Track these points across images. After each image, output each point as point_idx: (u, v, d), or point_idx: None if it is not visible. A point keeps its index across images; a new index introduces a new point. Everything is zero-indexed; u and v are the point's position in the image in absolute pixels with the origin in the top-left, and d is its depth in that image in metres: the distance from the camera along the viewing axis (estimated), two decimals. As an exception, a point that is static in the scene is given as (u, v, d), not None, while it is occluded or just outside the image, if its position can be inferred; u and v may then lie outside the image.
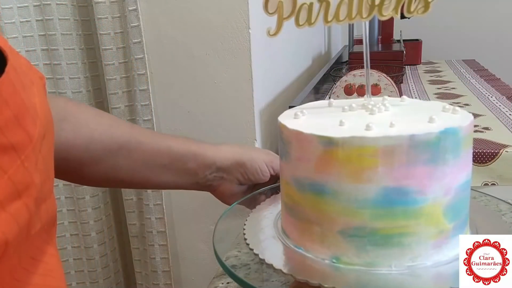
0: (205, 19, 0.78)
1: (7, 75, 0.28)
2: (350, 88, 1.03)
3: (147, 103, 0.84)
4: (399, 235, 0.35)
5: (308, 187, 0.36)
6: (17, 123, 0.28)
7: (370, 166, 0.33)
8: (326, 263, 0.36)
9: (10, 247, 0.28)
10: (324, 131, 0.34)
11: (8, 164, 0.27)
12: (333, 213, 0.35)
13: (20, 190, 0.28)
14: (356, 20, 0.38)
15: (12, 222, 0.27)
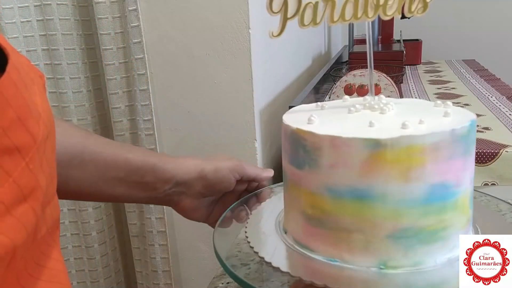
0: (205, 19, 0.78)
1: (8, 74, 0.27)
2: (350, 88, 1.03)
3: (147, 103, 0.84)
4: (442, 229, 0.35)
5: (348, 194, 0.35)
6: (20, 124, 0.27)
7: (418, 164, 0.33)
8: (372, 271, 0.35)
9: (18, 253, 0.27)
10: (365, 133, 0.33)
11: (12, 167, 0.27)
12: (380, 217, 0.34)
13: (26, 193, 0.28)
14: (361, 20, 0.38)
15: (20, 227, 0.27)
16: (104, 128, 0.94)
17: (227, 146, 0.83)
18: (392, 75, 1.09)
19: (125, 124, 0.88)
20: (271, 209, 0.49)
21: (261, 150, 0.84)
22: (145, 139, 0.85)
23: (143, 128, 0.85)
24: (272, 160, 0.92)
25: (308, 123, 0.37)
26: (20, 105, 0.28)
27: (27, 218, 0.27)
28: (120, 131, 0.88)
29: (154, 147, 0.86)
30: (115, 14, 0.81)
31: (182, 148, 0.86)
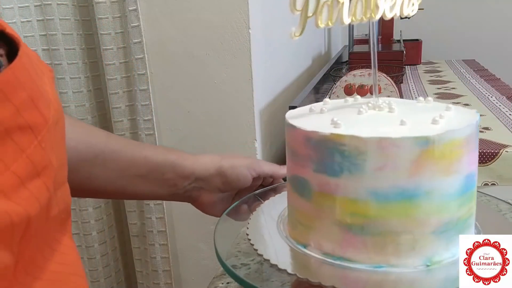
0: (205, 19, 0.78)
1: (20, 58, 0.29)
2: (350, 88, 1.03)
3: (147, 103, 0.84)
4: (470, 216, 0.37)
5: (395, 196, 0.34)
6: (32, 104, 0.29)
7: (457, 157, 0.35)
8: (418, 270, 0.35)
9: (32, 225, 0.29)
10: (410, 132, 0.33)
11: (26, 144, 0.28)
12: (426, 214, 0.34)
13: (39, 170, 0.29)
14: (367, 19, 0.38)
15: (33, 200, 0.29)
16: (105, 128, 0.94)
17: (227, 146, 0.83)
18: (392, 75, 1.09)
19: (125, 124, 0.88)
20: (272, 208, 0.49)
21: (261, 150, 0.84)
22: (145, 139, 0.85)
23: (143, 128, 0.85)
24: (272, 160, 0.92)
25: (335, 126, 0.35)
26: (31, 88, 0.30)
27: (40, 192, 0.29)
28: (120, 131, 0.88)
29: (154, 147, 0.86)
30: (115, 14, 0.81)
31: (182, 148, 0.86)
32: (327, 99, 0.45)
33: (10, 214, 0.26)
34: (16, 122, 0.27)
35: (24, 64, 0.30)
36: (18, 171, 0.27)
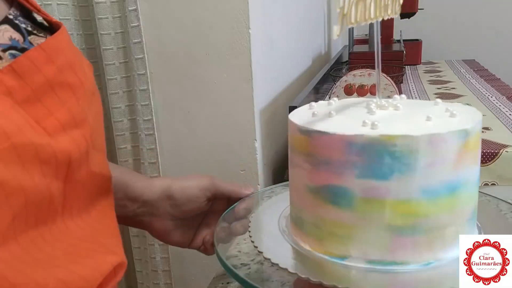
0: (205, 19, 0.78)
1: (62, 32, 0.36)
2: (350, 88, 1.03)
3: (147, 103, 0.84)
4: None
5: (443, 190, 0.34)
6: (71, 69, 0.35)
7: (478, 147, 0.37)
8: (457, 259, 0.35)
9: (74, 166, 0.34)
10: (449, 127, 0.34)
11: (66, 98, 0.34)
12: (464, 204, 0.36)
13: (78, 121, 0.35)
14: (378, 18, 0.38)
15: (74, 145, 0.34)
16: (105, 128, 0.94)
17: (227, 146, 0.83)
18: (392, 75, 1.09)
19: (125, 124, 0.88)
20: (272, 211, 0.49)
21: (261, 150, 0.84)
22: (145, 139, 0.85)
23: (143, 128, 0.85)
24: (272, 160, 0.92)
25: (373, 128, 0.34)
26: (70, 56, 0.36)
27: (79, 141, 0.34)
28: (120, 131, 0.88)
29: (154, 147, 0.86)
30: (115, 14, 0.81)
31: (182, 148, 0.86)
32: (321, 102, 0.45)
33: (53, 148, 0.31)
34: (58, 80, 0.33)
35: (65, 37, 0.36)
36: (60, 118, 0.33)
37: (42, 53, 0.33)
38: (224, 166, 0.83)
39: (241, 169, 0.83)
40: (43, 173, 0.31)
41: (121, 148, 0.89)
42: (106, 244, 0.38)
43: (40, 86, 0.32)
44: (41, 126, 0.32)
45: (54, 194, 0.33)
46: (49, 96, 0.33)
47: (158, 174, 0.86)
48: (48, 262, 0.31)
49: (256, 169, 0.82)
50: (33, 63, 0.32)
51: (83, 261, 0.34)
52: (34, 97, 0.32)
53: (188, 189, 0.51)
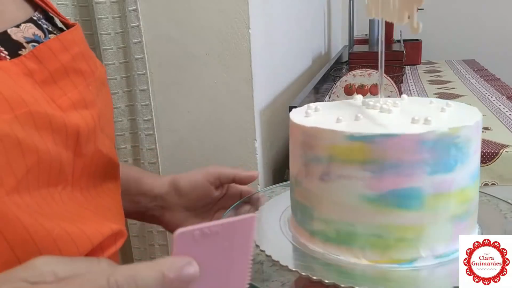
0: (205, 19, 0.78)
1: (77, 28, 0.43)
2: (350, 88, 1.03)
3: (147, 103, 0.84)
4: None
5: (477, 175, 0.38)
6: (83, 59, 0.41)
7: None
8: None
9: (82, 139, 0.38)
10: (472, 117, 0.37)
11: (78, 82, 0.39)
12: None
13: (87, 103, 0.39)
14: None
15: (83, 122, 0.38)
16: (104, 128, 0.94)
17: (227, 146, 0.83)
18: (392, 75, 1.09)
19: (125, 124, 0.88)
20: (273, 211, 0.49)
21: (261, 150, 0.84)
22: (145, 139, 0.85)
23: (143, 128, 0.85)
24: (272, 160, 0.92)
25: (426, 123, 0.35)
26: (83, 49, 0.42)
27: (88, 119, 0.39)
28: (120, 131, 0.88)
29: (154, 147, 0.86)
30: (115, 14, 0.81)
31: (182, 148, 0.86)
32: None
33: (64, 120, 0.36)
34: (72, 66, 0.39)
35: (79, 33, 0.43)
36: (72, 98, 0.38)
37: (59, 43, 0.39)
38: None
39: (241, 169, 0.83)
40: (54, 141, 0.35)
41: (121, 148, 0.89)
42: (109, 216, 0.42)
43: (57, 70, 0.38)
44: (56, 103, 0.36)
45: (64, 163, 0.37)
46: (63, 79, 0.38)
47: (158, 174, 0.86)
48: (55, 216, 0.35)
49: (256, 169, 0.82)
50: (51, 51, 0.37)
51: (85, 221, 0.38)
52: (51, 79, 0.37)
53: (192, 177, 0.54)
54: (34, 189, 0.34)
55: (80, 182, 0.39)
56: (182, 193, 0.54)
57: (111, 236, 0.40)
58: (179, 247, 0.26)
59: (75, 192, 0.39)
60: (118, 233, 0.41)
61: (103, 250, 0.39)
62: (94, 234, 0.37)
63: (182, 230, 0.25)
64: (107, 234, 0.39)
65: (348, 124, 0.37)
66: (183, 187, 0.53)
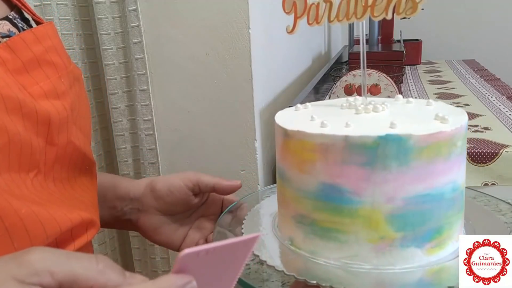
0: (205, 19, 0.78)
1: (50, 24, 0.43)
2: (350, 88, 1.03)
3: (147, 103, 0.84)
4: (337, 230, 0.36)
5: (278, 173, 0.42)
6: (56, 52, 0.41)
7: (309, 159, 0.36)
8: (283, 244, 0.41)
9: (54, 127, 0.38)
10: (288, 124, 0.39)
11: (50, 73, 0.40)
12: (287, 198, 0.40)
13: (59, 94, 0.40)
14: (351, 20, 0.39)
15: (54, 111, 0.38)
16: (104, 128, 0.94)
17: (227, 146, 0.83)
18: (392, 75, 1.09)
19: (125, 124, 0.88)
20: (267, 210, 0.49)
21: (261, 150, 0.84)
22: (145, 139, 0.85)
23: (143, 128, 0.85)
24: (272, 160, 0.92)
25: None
26: (57, 43, 0.42)
27: (60, 109, 0.39)
28: (120, 131, 0.88)
29: (154, 147, 0.86)
30: (115, 14, 0.81)
31: (182, 148, 0.86)
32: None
33: (35, 106, 0.37)
34: (44, 58, 0.40)
35: (52, 28, 0.43)
36: (44, 87, 0.39)
37: (32, 35, 0.40)
38: (224, 166, 0.83)
39: (241, 169, 0.83)
40: (24, 126, 0.36)
41: (121, 148, 0.89)
42: (81, 207, 0.42)
43: (29, 60, 0.39)
44: (28, 91, 0.37)
45: (35, 149, 0.37)
46: (36, 70, 0.39)
47: (158, 174, 0.86)
48: (24, 198, 0.35)
49: (256, 169, 0.82)
50: (24, 42, 0.39)
51: (55, 207, 0.38)
52: (24, 69, 0.38)
53: (170, 179, 0.53)
54: (4, 171, 0.35)
55: (52, 171, 0.40)
56: (158, 196, 0.52)
57: (81, 224, 0.40)
58: (182, 265, 0.26)
59: (47, 181, 0.39)
60: (89, 222, 0.41)
61: (74, 238, 0.39)
62: (63, 219, 0.37)
63: (189, 250, 0.25)
64: (76, 221, 0.39)
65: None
66: (160, 189, 0.52)
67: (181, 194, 0.52)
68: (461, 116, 0.37)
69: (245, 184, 0.81)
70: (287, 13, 0.41)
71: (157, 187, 0.52)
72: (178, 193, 0.52)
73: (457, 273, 0.32)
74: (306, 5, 0.40)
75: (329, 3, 0.39)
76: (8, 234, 0.34)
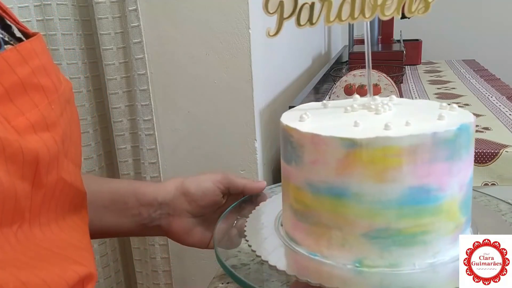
0: (205, 19, 0.78)
1: (38, 38, 0.36)
2: (350, 88, 1.03)
3: (147, 103, 0.84)
4: (422, 233, 0.35)
5: (325, 191, 0.35)
6: (45, 72, 0.35)
7: (394, 166, 0.33)
8: (348, 268, 0.36)
9: (42, 168, 0.33)
10: (344, 133, 0.34)
11: (38, 100, 0.34)
12: (355, 216, 0.35)
13: (49, 124, 0.34)
14: (358, 20, 0.38)
15: (44, 147, 0.33)
16: (104, 128, 0.94)
17: (227, 146, 0.83)
18: (392, 75, 1.09)
19: (125, 124, 0.88)
20: (271, 208, 0.49)
21: (261, 150, 0.84)
22: (145, 139, 0.85)
23: (143, 128, 0.85)
24: (272, 160, 0.92)
25: (300, 120, 0.38)
26: (45, 61, 0.36)
27: (50, 143, 0.34)
28: (120, 131, 0.88)
29: (154, 147, 0.86)
30: (115, 14, 0.81)
31: (182, 148, 0.86)
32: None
33: (21, 145, 0.31)
34: (32, 82, 0.34)
35: (40, 43, 0.36)
36: (31, 119, 0.33)
37: (17, 54, 0.33)
38: (224, 166, 0.83)
39: (241, 169, 0.83)
40: (8, 170, 0.30)
41: (121, 148, 0.89)
42: (74, 256, 0.37)
43: (13, 86, 0.32)
44: (11, 125, 0.31)
45: (20, 196, 0.32)
46: (21, 97, 0.33)
47: (158, 174, 0.86)
48: (9, 263, 0.30)
49: (256, 169, 0.82)
50: (7, 63, 0.32)
51: (47, 266, 0.33)
52: (6, 96, 0.32)
53: (203, 182, 0.52)
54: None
55: (39, 217, 0.35)
56: (191, 199, 0.51)
57: (78, 283, 0.35)
58: None
59: (33, 229, 0.34)
60: (86, 277, 0.36)
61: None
62: (57, 282, 0.33)
63: None
64: (73, 281, 0.34)
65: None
66: (194, 193, 0.51)
67: (214, 196, 0.51)
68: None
69: (245, 184, 0.81)
70: (271, 14, 0.37)
71: (191, 190, 0.51)
72: (211, 196, 0.51)
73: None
74: (297, 5, 0.37)
75: (328, 3, 0.37)
76: None
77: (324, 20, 0.38)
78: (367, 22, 0.39)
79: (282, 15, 0.37)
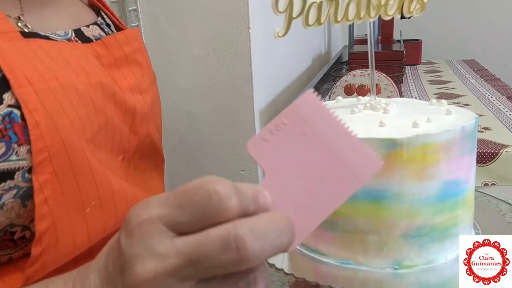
0: (205, 19, 0.78)
1: (137, 30, 0.50)
2: (350, 88, 1.03)
3: (147, 103, 0.84)
4: (453, 225, 0.36)
5: (363, 196, 0.34)
6: (141, 53, 0.48)
7: (433, 162, 0.33)
8: (386, 271, 0.35)
9: (137, 119, 0.43)
10: (379, 133, 0.33)
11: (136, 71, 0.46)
12: (395, 217, 0.34)
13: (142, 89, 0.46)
14: (364, 19, 0.38)
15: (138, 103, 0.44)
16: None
17: (227, 146, 0.83)
18: (392, 75, 1.09)
19: (125, 124, 0.88)
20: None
21: (261, 150, 0.84)
22: (145, 139, 0.86)
23: (143, 128, 0.85)
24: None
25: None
26: (142, 45, 0.48)
27: (142, 102, 0.45)
28: (120, 131, 0.88)
29: (154, 147, 0.86)
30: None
31: (182, 148, 0.86)
32: (340, 98, 0.45)
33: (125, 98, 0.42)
34: (132, 57, 0.46)
35: (139, 32, 0.48)
36: (130, 82, 0.44)
37: (124, 36, 0.45)
38: (224, 166, 0.83)
39: (241, 169, 0.83)
40: (115, 112, 0.41)
41: (121, 148, 0.89)
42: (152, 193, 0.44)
43: (120, 58, 0.44)
44: (117, 84, 0.42)
45: (124, 135, 0.42)
46: (124, 66, 0.44)
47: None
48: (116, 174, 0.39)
49: (256, 169, 0.82)
50: (117, 41, 0.44)
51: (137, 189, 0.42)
52: (115, 64, 0.44)
53: None
54: (102, 149, 0.39)
55: (133, 160, 0.44)
56: None
57: None
58: (259, 158, 0.24)
59: (130, 168, 0.44)
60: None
61: None
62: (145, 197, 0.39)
63: (250, 141, 0.24)
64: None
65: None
66: None
67: None
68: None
69: (245, 184, 0.81)
70: (280, 13, 0.36)
71: None
72: None
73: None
74: (305, 5, 0.36)
75: (335, 2, 0.37)
76: (100, 206, 0.36)
77: (331, 19, 0.38)
78: (370, 22, 0.39)
79: (291, 14, 0.37)
